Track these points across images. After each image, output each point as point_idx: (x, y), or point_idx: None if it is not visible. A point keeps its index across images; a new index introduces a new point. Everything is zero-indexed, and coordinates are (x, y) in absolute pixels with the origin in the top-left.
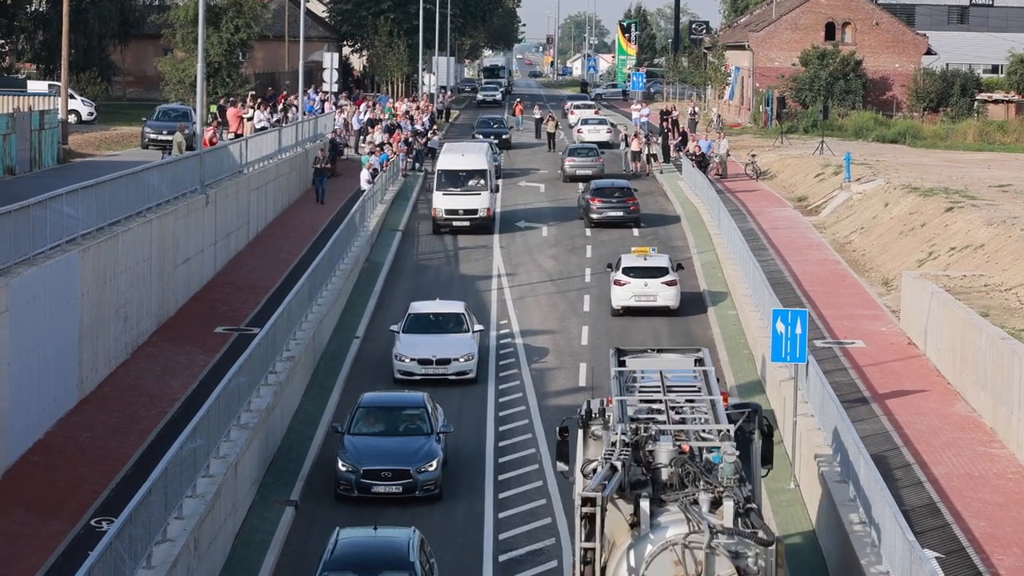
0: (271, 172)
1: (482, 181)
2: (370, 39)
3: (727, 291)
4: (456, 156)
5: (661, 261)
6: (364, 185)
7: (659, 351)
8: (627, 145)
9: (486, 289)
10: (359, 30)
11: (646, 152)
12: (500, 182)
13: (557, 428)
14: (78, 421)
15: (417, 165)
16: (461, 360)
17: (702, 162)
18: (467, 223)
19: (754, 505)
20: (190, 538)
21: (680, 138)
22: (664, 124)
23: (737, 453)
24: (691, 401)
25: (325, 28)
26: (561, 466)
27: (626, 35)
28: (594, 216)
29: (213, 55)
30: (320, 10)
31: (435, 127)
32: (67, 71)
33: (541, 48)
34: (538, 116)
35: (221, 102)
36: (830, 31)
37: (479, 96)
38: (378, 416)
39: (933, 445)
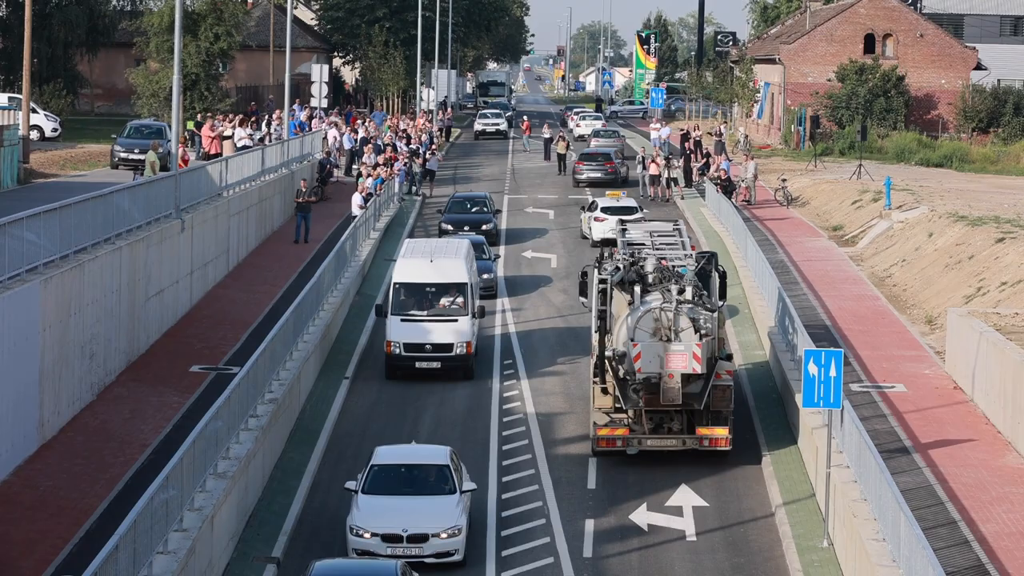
0: (253, 195)
1: (460, 299)
2: (363, 50)
3: (755, 329)
4: (421, 262)
5: (630, 202)
6: (356, 210)
7: (649, 221)
8: (645, 168)
9: (489, 325)
10: (351, 40)
11: (666, 176)
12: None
13: (580, 272)
14: (38, 468)
15: (414, 189)
16: (443, 536)
17: (727, 187)
18: (436, 364)
19: (705, 292)
20: None
21: (703, 161)
22: (686, 145)
23: (696, 267)
24: (669, 244)
25: (314, 38)
26: (582, 299)
27: (645, 47)
28: (579, 177)
29: (190, 66)
30: (309, 18)
31: (434, 146)
32: (29, 83)
33: (551, 61)
34: (547, 135)
35: (199, 118)
36: (869, 44)
37: (478, 126)
38: None
39: (982, 500)
